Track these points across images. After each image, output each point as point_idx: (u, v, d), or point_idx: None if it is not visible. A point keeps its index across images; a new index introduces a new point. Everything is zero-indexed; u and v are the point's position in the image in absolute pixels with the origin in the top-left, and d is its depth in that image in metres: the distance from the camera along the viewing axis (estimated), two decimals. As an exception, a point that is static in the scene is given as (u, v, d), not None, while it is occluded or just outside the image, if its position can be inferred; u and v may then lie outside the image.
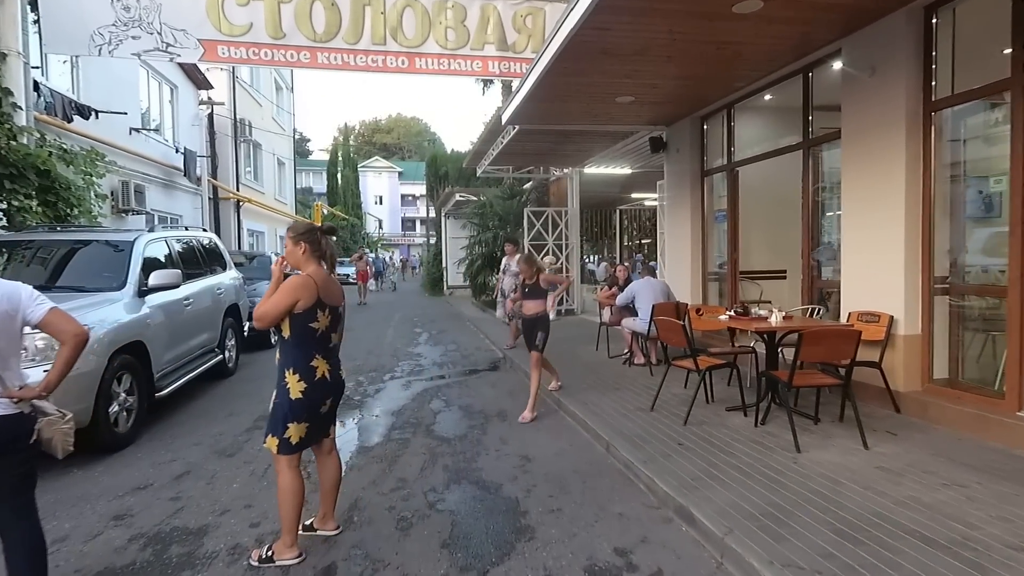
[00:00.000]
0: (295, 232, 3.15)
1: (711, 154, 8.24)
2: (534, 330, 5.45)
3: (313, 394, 3.02)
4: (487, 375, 7.64)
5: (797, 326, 4.69)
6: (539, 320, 5.51)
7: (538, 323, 5.49)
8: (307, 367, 3.03)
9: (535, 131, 9.35)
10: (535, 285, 5.50)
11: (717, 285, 8.44)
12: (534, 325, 5.48)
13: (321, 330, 3.04)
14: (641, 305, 6.90)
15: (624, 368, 7.20)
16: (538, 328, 5.46)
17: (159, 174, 12.93)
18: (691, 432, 4.53)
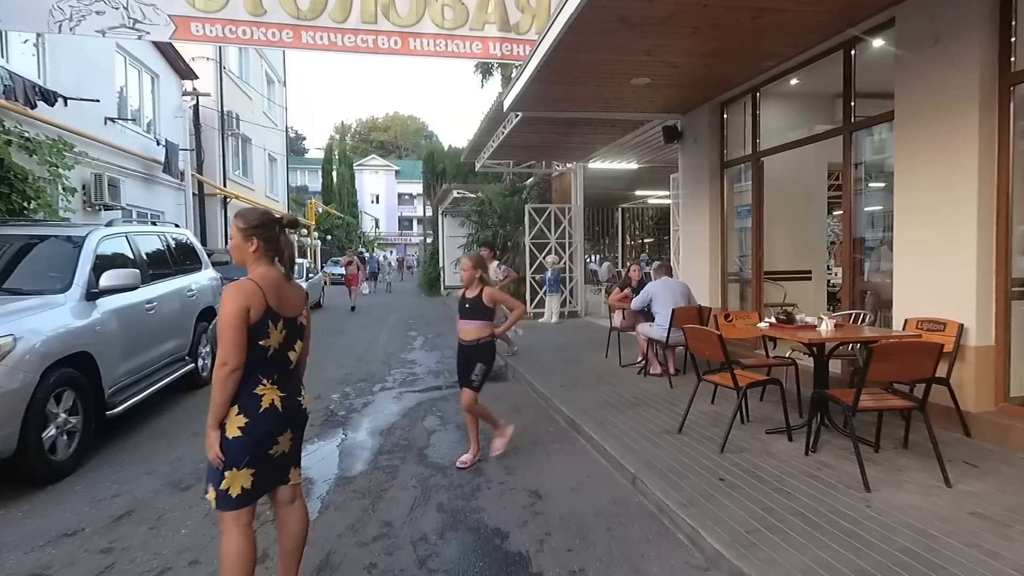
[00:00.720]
0: (245, 223, 2.44)
1: (732, 144, 7.54)
2: (471, 361, 4.12)
3: (257, 431, 2.32)
4: (489, 387, 6.79)
5: (854, 336, 3.99)
6: (479, 348, 4.13)
7: (478, 352, 4.13)
8: (249, 396, 2.33)
9: (539, 119, 8.64)
10: (476, 300, 4.11)
11: (737, 287, 7.75)
12: (472, 355, 4.14)
13: (273, 348, 2.35)
14: (659, 309, 6.20)
15: (639, 379, 6.49)
16: (477, 358, 4.12)
17: (137, 167, 12.18)
18: (731, 462, 3.83)
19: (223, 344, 2.25)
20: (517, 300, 4.54)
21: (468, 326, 4.14)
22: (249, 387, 2.33)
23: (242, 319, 2.26)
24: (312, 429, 5.24)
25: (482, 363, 4.13)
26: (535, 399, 6.15)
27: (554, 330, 11.06)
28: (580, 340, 9.58)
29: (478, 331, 4.12)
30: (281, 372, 2.42)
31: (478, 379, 4.13)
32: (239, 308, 2.27)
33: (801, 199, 8.01)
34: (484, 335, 4.14)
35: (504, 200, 14.68)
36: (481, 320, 4.12)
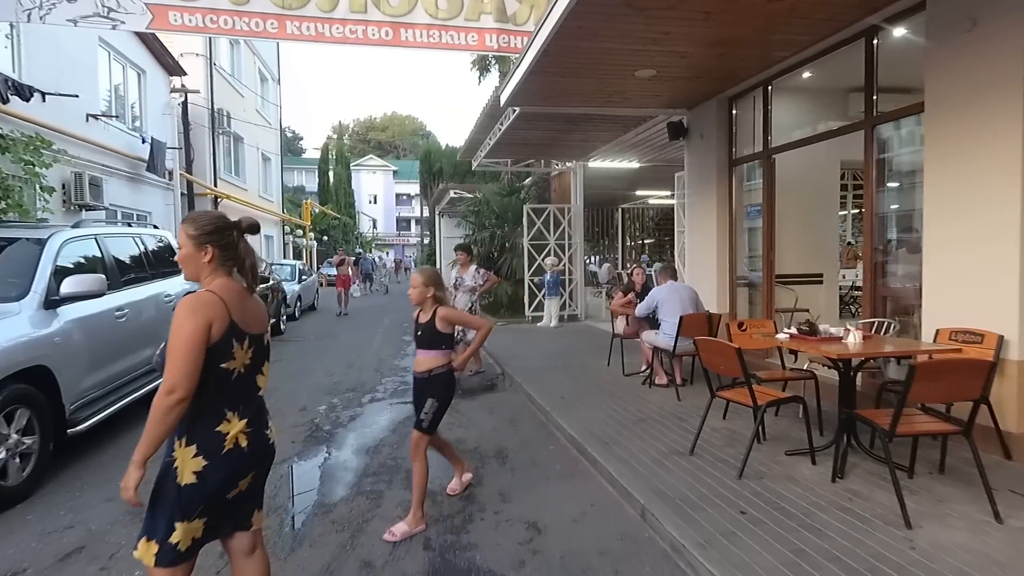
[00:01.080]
0: (197, 229, 2.08)
1: (741, 140, 7.17)
2: (423, 395, 3.36)
3: (216, 475, 1.95)
4: (483, 397, 6.55)
5: (888, 351, 3.62)
6: (431, 381, 3.35)
7: (429, 385, 3.35)
8: (210, 433, 1.97)
9: (538, 115, 8.27)
10: (430, 326, 3.34)
11: (746, 291, 7.37)
12: (424, 388, 3.37)
13: (239, 371, 1.99)
14: (665, 316, 5.82)
15: (644, 389, 6.11)
16: (428, 392, 3.35)
17: (122, 166, 11.78)
18: (751, 490, 3.45)
19: (175, 368, 1.88)
20: (480, 318, 4.02)
21: (421, 356, 3.37)
22: (210, 422, 1.96)
23: (202, 338, 1.90)
24: (294, 447, 4.87)
25: (434, 398, 3.33)
26: (533, 412, 5.77)
27: (553, 335, 10.68)
28: (580, 346, 9.20)
29: (431, 361, 3.34)
30: (248, 401, 2.06)
31: (427, 418, 3.33)
32: (200, 325, 1.90)
33: (812, 199, 7.65)
34: (438, 365, 3.34)
35: (502, 200, 14.30)
36: (436, 349, 3.34)
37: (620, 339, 7.09)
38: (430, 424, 3.37)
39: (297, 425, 5.48)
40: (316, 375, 7.75)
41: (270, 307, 11.36)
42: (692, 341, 5.66)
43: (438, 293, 3.37)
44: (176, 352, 1.87)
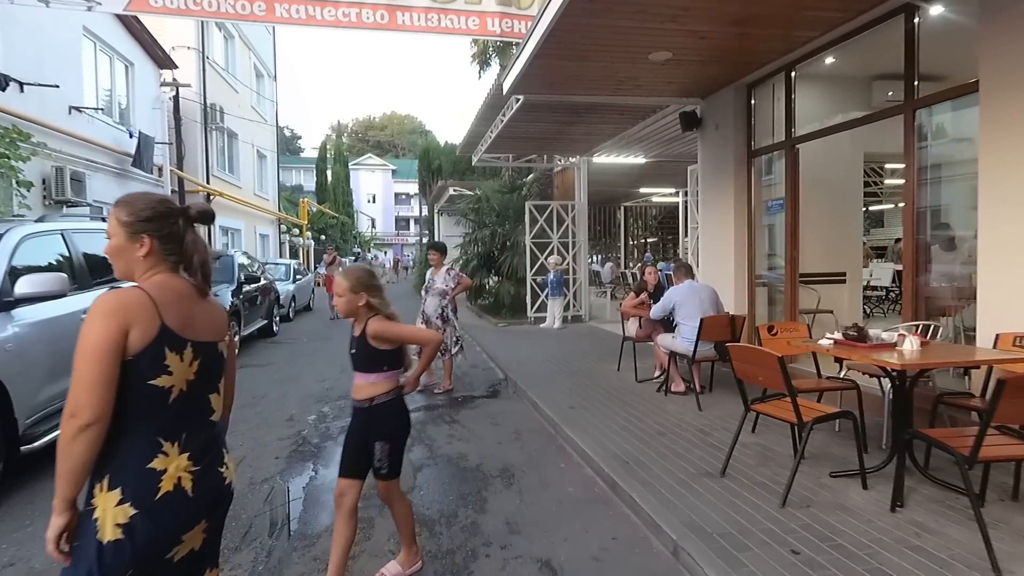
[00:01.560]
0: (131, 213, 1.64)
1: (760, 130, 6.71)
2: (366, 435, 2.59)
3: (150, 528, 1.50)
4: (486, 404, 6.08)
5: (956, 360, 3.16)
6: (376, 413, 2.57)
7: (374, 419, 2.57)
8: (139, 472, 1.52)
9: (542, 105, 7.80)
10: (362, 341, 2.57)
11: (765, 291, 6.91)
12: (368, 422, 2.59)
13: (179, 390, 1.54)
14: (684, 319, 5.35)
15: (660, 398, 5.65)
16: (374, 431, 2.58)
17: (108, 161, 11.30)
18: (799, 521, 2.98)
19: (76, 384, 1.43)
20: (426, 329, 2.89)
21: (359, 381, 2.60)
22: (139, 457, 1.51)
23: (114, 347, 1.45)
24: (277, 464, 4.41)
25: (384, 440, 2.56)
26: (539, 423, 5.31)
27: (557, 337, 10.21)
28: (587, 349, 8.74)
29: (371, 387, 2.56)
30: (194, 428, 1.61)
31: (384, 464, 2.59)
32: (111, 330, 1.45)
33: (835, 193, 7.19)
34: (381, 392, 2.56)
35: (503, 197, 13.83)
36: (375, 371, 2.56)
37: (632, 342, 6.62)
38: (391, 468, 2.63)
39: (283, 438, 5.02)
40: (307, 381, 7.29)
41: (262, 308, 10.89)
42: (713, 345, 5.23)
43: (372, 300, 2.58)
44: (78, 364, 1.42)
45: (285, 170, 56.78)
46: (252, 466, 4.38)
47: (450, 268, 6.68)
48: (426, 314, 6.51)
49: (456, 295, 6.57)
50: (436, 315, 6.45)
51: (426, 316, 6.49)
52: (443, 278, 6.52)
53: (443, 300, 6.47)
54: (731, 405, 5.28)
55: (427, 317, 6.48)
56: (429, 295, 6.54)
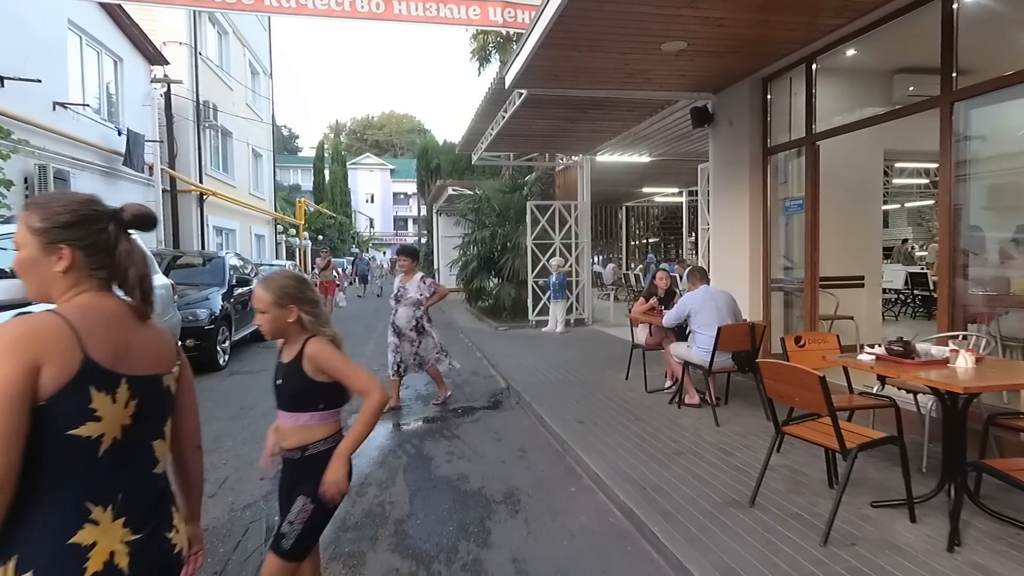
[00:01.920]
0: (45, 219, 1.28)
1: (777, 126, 6.36)
2: (292, 490, 2.05)
3: None
4: (487, 417, 5.72)
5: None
6: (309, 465, 2.01)
7: (306, 472, 2.01)
8: (58, 548, 1.17)
9: (546, 100, 7.44)
10: (294, 369, 2.02)
11: (781, 296, 6.56)
12: (298, 476, 2.05)
13: (110, 439, 1.21)
14: (700, 327, 5.00)
15: (673, 411, 5.30)
16: (302, 485, 2.01)
17: (95, 159, 10.93)
18: (846, 563, 2.63)
19: None
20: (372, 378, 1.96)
21: (287, 422, 2.07)
22: (58, 528, 1.17)
23: (16, 391, 1.11)
24: (262, 485, 4.05)
25: (306, 495, 1.98)
26: (546, 439, 4.95)
27: (560, 342, 9.86)
28: (592, 355, 8.38)
29: (304, 432, 2.03)
30: (132, 487, 1.26)
31: (292, 531, 1.97)
32: (11, 370, 1.12)
33: (853, 192, 6.86)
34: (318, 438, 2.03)
35: (503, 197, 13.47)
36: (309, 410, 2.03)
37: (642, 350, 6.27)
38: (295, 546, 1.96)
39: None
40: (299, 390, 6.92)
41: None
42: (731, 356, 4.88)
43: (306, 315, 2.02)
44: None
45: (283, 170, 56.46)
46: (235, 489, 4.03)
47: (425, 275, 5.93)
48: (397, 326, 5.80)
49: (432, 305, 5.85)
50: (409, 327, 5.77)
51: (397, 328, 5.80)
52: (417, 287, 5.78)
53: (417, 311, 5.78)
54: (750, 419, 4.94)
55: (399, 329, 5.79)
56: (401, 305, 5.79)
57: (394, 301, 5.87)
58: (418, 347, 5.82)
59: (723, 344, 4.78)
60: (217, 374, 7.97)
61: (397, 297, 5.84)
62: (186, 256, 11.06)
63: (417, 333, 5.83)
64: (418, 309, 5.79)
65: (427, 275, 6.01)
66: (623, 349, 8.70)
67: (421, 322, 5.83)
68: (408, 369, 5.87)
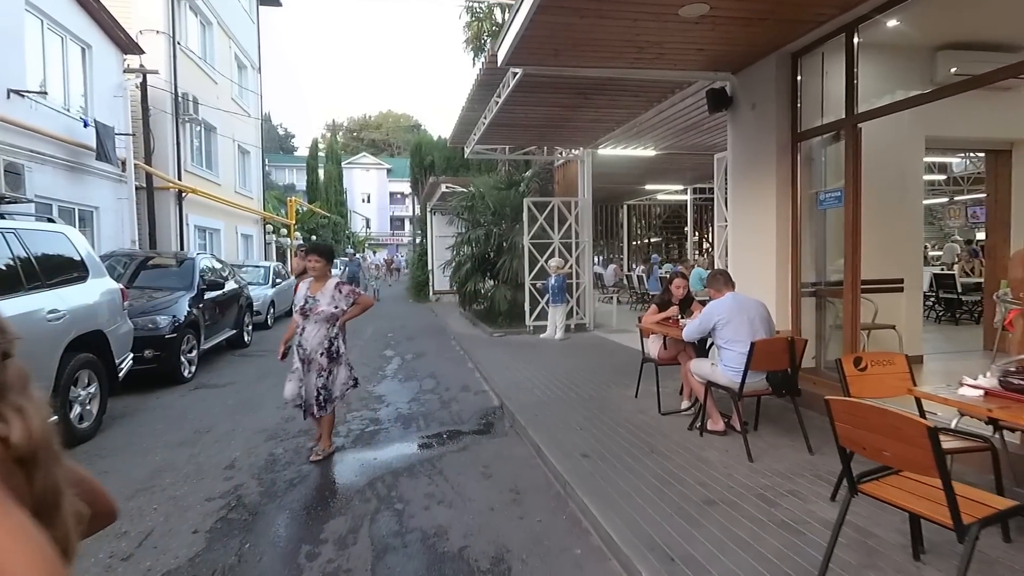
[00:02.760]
0: None
1: (809, 108, 5.57)
2: None
3: None
4: (476, 445, 4.91)
5: None
6: None
7: None
8: None
9: (544, 82, 6.66)
10: None
11: (812, 301, 5.77)
12: None
13: None
14: (728, 342, 4.19)
15: (694, 439, 4.50)
16: None
17: (57, 153, 10.11)
18: None
19: None
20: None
21: None
22: None
23: None
24: (193, 542, 3.25)
25: None
26: (544, 476, 4.15)
27: (560, 350, 9.06)
28: (595, 366, 7.58)
29: None
30: None
31: None
32: None
33: (892, 185, 6.09)
34: None
35: (499, 194, 12.67)
36: None
37: (654, 365, 5.47)
38: None
39: (212, 498, 3.86)
40: (266, 408, 6.12)
41: (229, 317, 9.71)
42: (765, 376, 4.09)
43: None
44: None
45: (278, 169, 55.75)
46: (158, 547, 3.23)
47: (341, 282, 4.63)
48: (305, 350, 4.45)
49: (352, 317, 4.59)
50: (320, 350, 4.42)
51: (305, 353, 4.45)
52: (330, 296, 4.45)
53: (332, 328, 4.47)
54: (788, 452, 4.15)
55: (307, 354, 4.45)
56: (309, 321, 4.44)
57: (299, 315, 4.50)
58: (328, 378, 4.45)
59: (757, 363, 3.98)
60: (179, 388, 7.16)
61: (304, 311, 4.46)
62: (159, 257, 10.24)
63: (329, 359, 4.46)
64: (332, 327, 4.47)
65: (343, 281, 4.68)
66: (629, 359, 7.92)
67: (337, 344, 4.50)
68: (310, 411, 4.51)
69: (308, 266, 4.57)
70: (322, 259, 4.53)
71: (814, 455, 4.05)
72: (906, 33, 5.61)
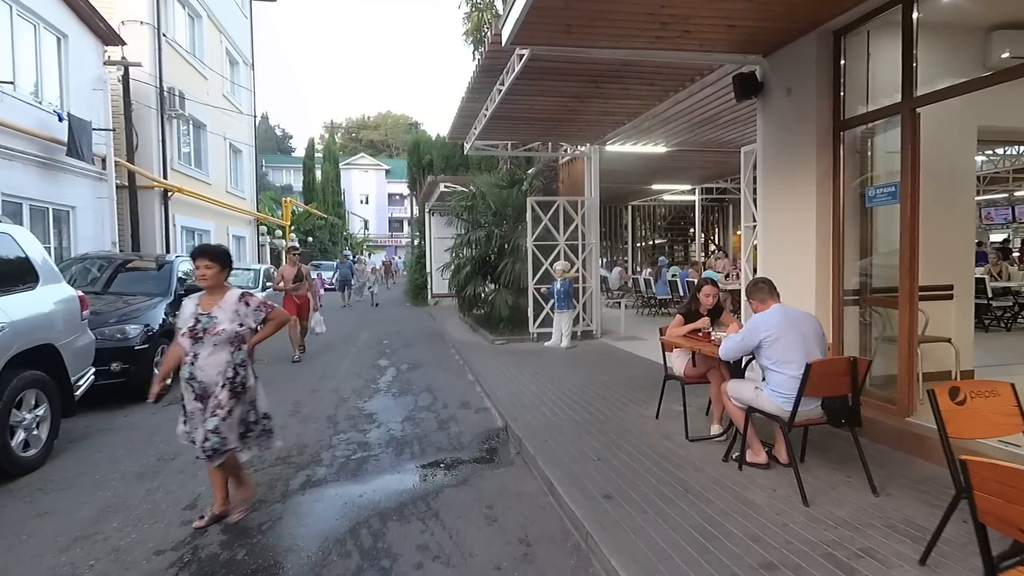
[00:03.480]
0: None
1: (853, 93, 4.94)
2: None
3: None
4: (478, 477, 4.26)
5: None
6: None
7: None
8: None
9: (552, 69, 6.04)
10: None
11: (856, 310, 5.14)
12: None
13: None
14: (778, 362, 3.54)
15: (733, 473, 3.86)
16: None
17: (28, 148, 9.47)
18: None
19: None
20: None
21: None
22: None
23: None
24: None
25: None
26: (560, 522, 3.50)
27: (567, 360, 8.41)
28: (607, 379, 6.93)
29: None
30: None
31: None
32: None
33: (941, 180, 5.44)
34: None
35: (500, 193, 12.01)
36: None
37: (680, 383, 4.81)
38: None
39: (162, 550, 3.22)
40: (242, 430, 5.46)
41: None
42: (820, 403, 3.45)
43: None
44: None
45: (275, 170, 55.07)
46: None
47: (246, 293, 3.50)
48: (201, 382, 3.34)
49: (263, 338, 3.54)
50: (221, 381, 3.33)
51: (202, 386, 3.35)
52: (232, 312, 3.39)
53: (236, 353, 3.40)
54: (847, 492, 3.51)
55: (204, 388, 3.34)
56: (203, 345, 3.34)
57: (186, 339, 3.36)
58: (224, 419, 3.29)
59: (812, 388, 3.34)
60: (151, 404, 6.45)
61: (195, 332, 3.34)
62: (137, 260, 9.58)
63: (231, 394, 3.34)
64: (237, 350, 3.40)
65: (248, 292, 3.53)
66: (643, 371, 7.29)
67: (241, 375, 3.40)
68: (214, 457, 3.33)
69: (197, 274, 3.40)
70: (214, 264, 3.39)
71: (879, 496, 3.41)
72: (963, 8, 5.00)
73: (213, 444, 3.29)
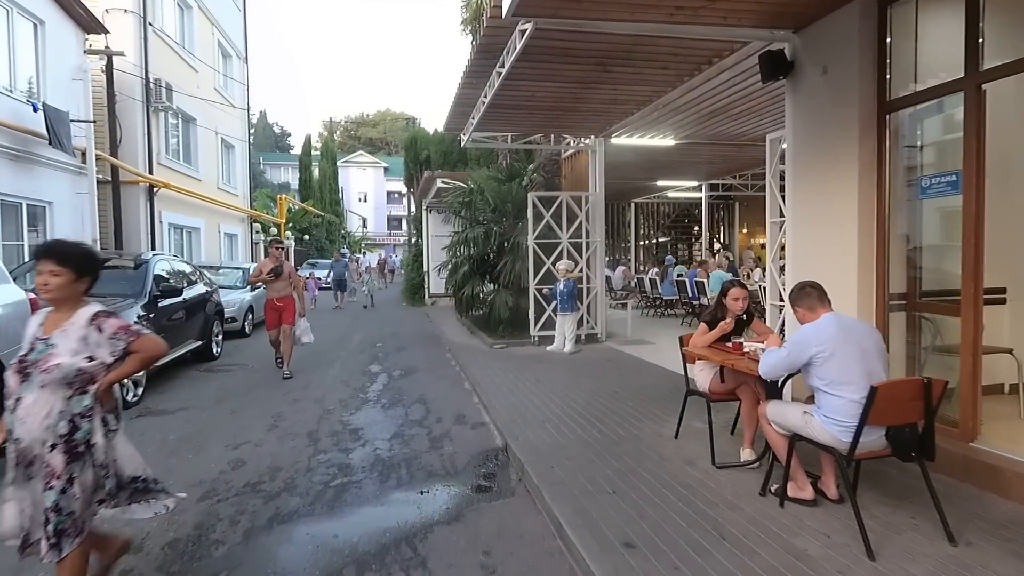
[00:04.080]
0: None
1: (900, 71, 4.35)
2: None
3: None
4: (473, 512, 3.67)
5: None
6: None
7: None
8: None
9: (557, 49, 5.47)
10: None
11: (903, 317, 4.55)
12: None
13: None
14: (833, 383, 2.94)
15: (772, 510, 3.27)
16: None
17: (1, 140, 8.88)
18: None
19: None
20: None
21: None
22: None
23: None
24: None
25: None
26: (571, 573, 2.91)
27: (571, 367, 7.82)
28: (616, 388, 6.34)
29: None
30: None
31: None
32: None
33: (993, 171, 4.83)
34: None
35: (499, 188, 11.41)
36: None
37: (706, 400, 4.22)
38: None
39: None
40: (210, 447, 4.90)
41: (193, 326, 8.48)
42: (885, 432, 2.87)
43: None
44: None
45: (273, 168, 54.43)
46: None
47: (102, 311, 2.47)
48: (20, 441, 2.30)
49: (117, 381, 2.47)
50: (50, 440, 2.31)
51: (20, 447, 2.31)
52: (77, 340, 2.38)
53: (74, 399, 2.36)
54: (916, 539, 2.92)
55: (23, 449, 2.31)
56: (30, 385, 2.31)
57: (15, 375, 2.34)
58: (69, 485, 2.32)
59: (878, 415, 2.76)
60: (117, 417, 5.91)
61: (23, 366, 2.35)
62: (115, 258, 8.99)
63: (66, 457, 2.33)
64: (78, 395, 2.37)
65: (105, 310, 2.48)
66: (655, 379, 6.71)
67: (84, 428, 2.38)
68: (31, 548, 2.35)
69: (36, 281, 2.42)
70: (63, 270, 2.37)
71: (957, 547, 2.82)
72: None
73: (58, 526, 2.26)
